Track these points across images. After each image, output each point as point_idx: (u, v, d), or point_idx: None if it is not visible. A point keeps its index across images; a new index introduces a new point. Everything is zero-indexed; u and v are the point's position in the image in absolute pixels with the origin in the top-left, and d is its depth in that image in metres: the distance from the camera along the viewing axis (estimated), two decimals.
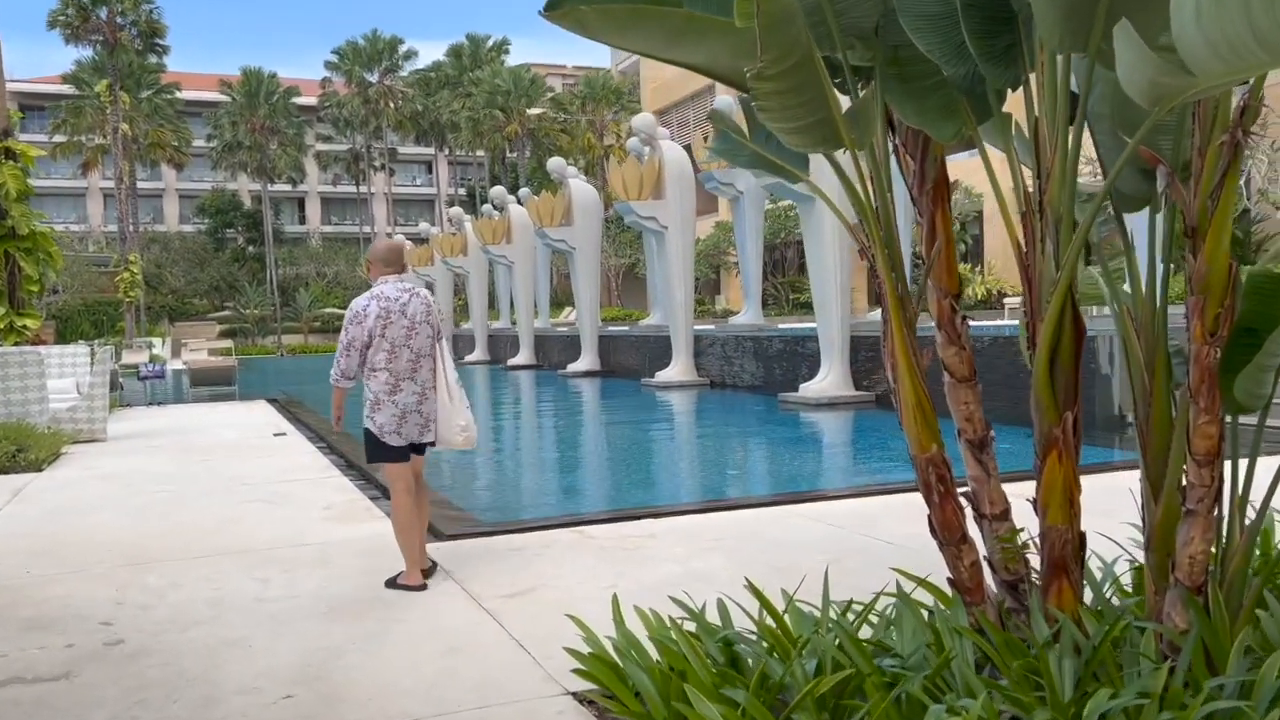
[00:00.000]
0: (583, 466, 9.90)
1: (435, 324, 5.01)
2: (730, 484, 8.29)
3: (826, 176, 11.74)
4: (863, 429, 11.98)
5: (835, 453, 10.34)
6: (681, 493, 7.88)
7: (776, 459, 9.83)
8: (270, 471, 8.80)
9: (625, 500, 7.57)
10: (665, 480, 8.61)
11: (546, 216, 22.67)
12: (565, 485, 8.63)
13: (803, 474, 8.73)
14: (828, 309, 13.69)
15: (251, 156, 55.63)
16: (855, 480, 8.21)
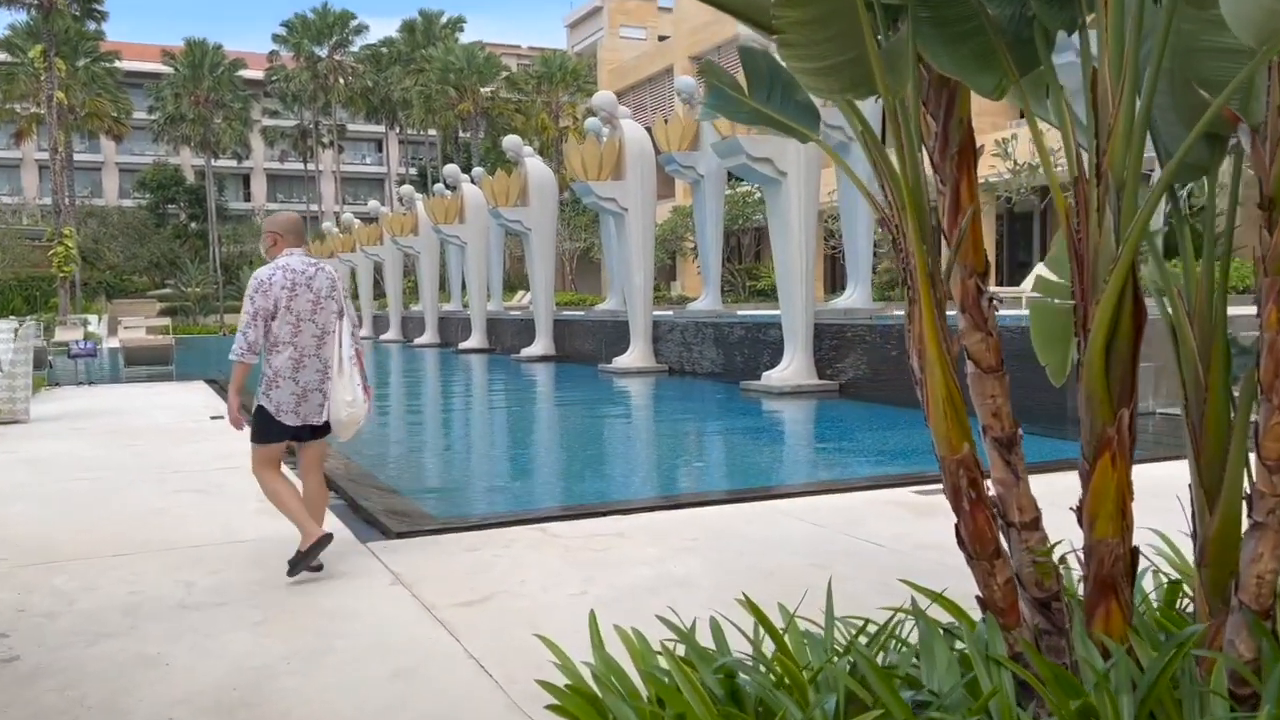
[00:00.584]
0: (542, 457, 9.43)
1: (340, 300, 4.79)
2: (698, 476, 7.87)
3: (791, 155, 11.24)
4: (828, 419, 11.63)
5: (803, 444, 9.97)
6: (648, 486, 7.44)
7: (744, 450, 9.43)
8: (204, 458, 8.20)
9: (589, 494, 7.11)
10: (630, 472, 8.17)
11: (502, 196, 22.05)
12: (524, 478, 8.15)
13: (773, 466, 8.34)
14: (791, 296, 13.32)
15: (195, 130, 54.04)
16: (827, 473, 7.84)
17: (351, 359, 4.75)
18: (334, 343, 4.70)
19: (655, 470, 8.22)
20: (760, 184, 13.40)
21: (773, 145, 12.97)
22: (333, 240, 40.57)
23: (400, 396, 16.61)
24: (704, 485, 7.48)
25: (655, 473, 8.07)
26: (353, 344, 4.81)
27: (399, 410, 14.12)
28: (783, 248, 13.35)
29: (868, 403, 12.38)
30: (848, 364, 13.24)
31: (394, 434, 11.06)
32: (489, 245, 27.68)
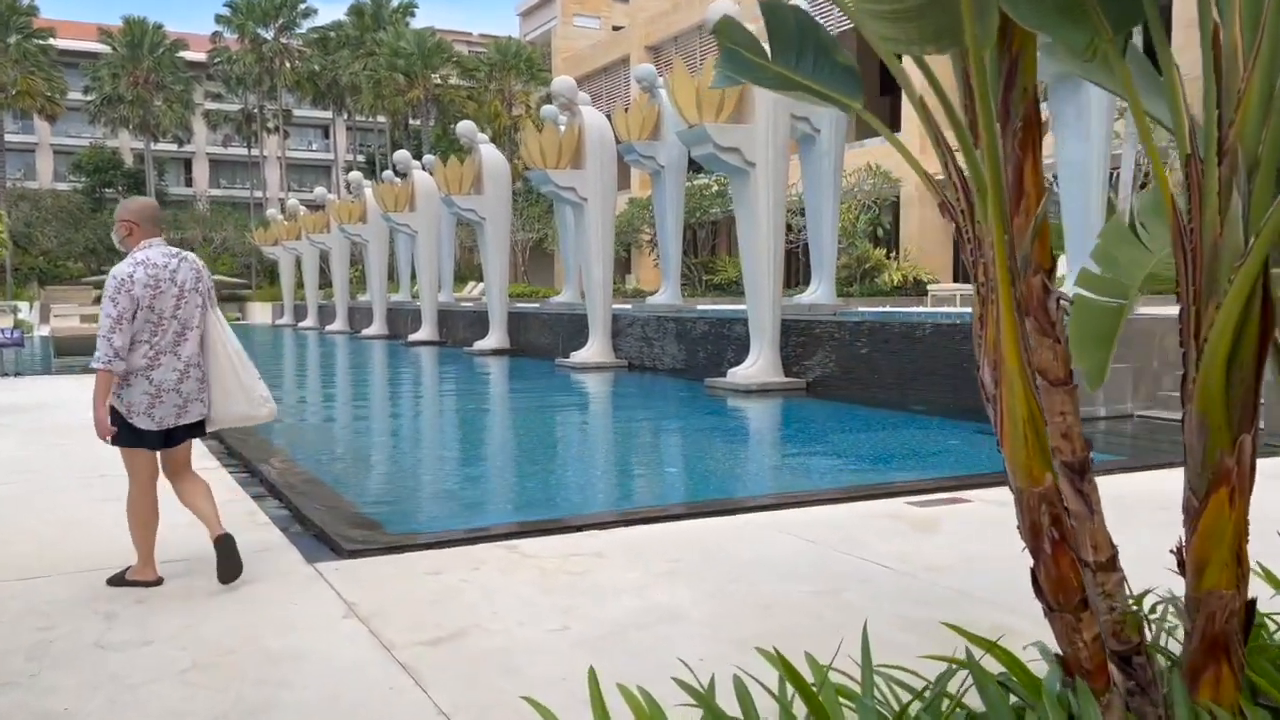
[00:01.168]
0: (502, 461, 8.88)
1: (205, 291, 4.43)
2: (672, 484, 7.38)
3: (761, 145, 10.73)
4: (799, 419, 11.23)
5: (777, 447, 9.52)
6: (619, 495, 6.94)
7: (716, 453, 8.96)
8: None
9: (556, 504, 6.60)
10: (598, 479, 7.66)
11: (455, 183, 21.37)
12: (485, 484, 7.61)
13: (749, 472, 7.89)
14: (759, 290, 12.90)
15: (134, 111, 52.32)
16: (809, 481, 7.40)
17: (239, 350, 4.50)
18: (197, 339, 4.38)
19: (625, 476, 7.72)
20: (728, 175, 12.95)
21: (741, 134, 12.53)
22: (278, 228, 39.41)
23: (348, 393, 15.93)
24: (679, 494, 6.99)
25: (625, 479, 7.58)
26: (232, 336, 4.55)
27: (347, 409, 13.46)
28: (750, 241, 12.92)
29: (836, 402, 12.00)
30: (815, 362, 12.85)
31: (341, 435, 10.44)
32: (440, 234, 26.95)
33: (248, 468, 7.42)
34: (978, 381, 2.59)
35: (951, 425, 9.98)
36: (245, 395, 4.51)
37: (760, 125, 12.57)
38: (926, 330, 11.16)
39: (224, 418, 4.57)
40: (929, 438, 9.42)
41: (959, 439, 9.25)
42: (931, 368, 11.07)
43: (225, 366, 4.45)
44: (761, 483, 7.21)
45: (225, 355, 4.46)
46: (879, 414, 10.91)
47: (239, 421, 4.63)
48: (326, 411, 12.91)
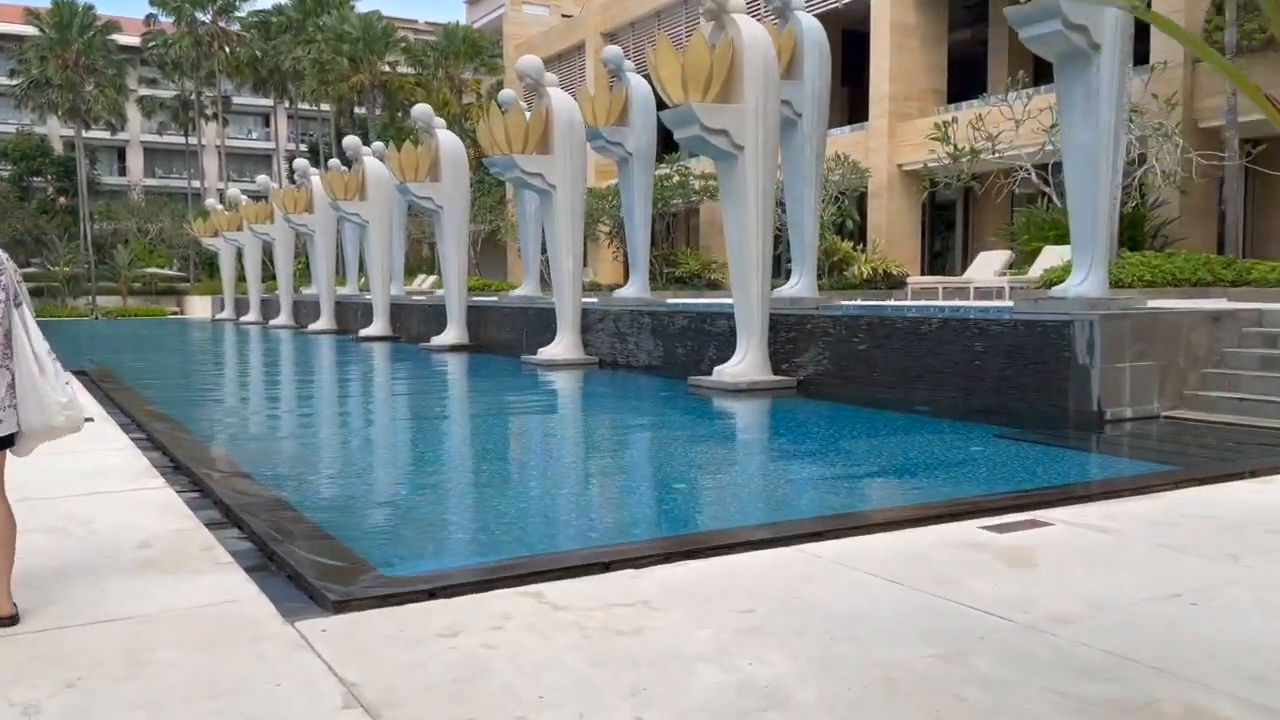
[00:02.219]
0: (489, 474, 7.93)
1: (10, 286, 3.85)
2: (689, 503, 6.49)
3: (750, 127, 9.88)
4: (799, 421, 10.45)
5: (786, 453, 8.68)
6: (635, 518, 6.04)
7: (722, 462, 8.11)
8: (65, 479, 6.48)
9: (563, 529, 5.69)
10: (603, 497, 6.75)
11: (410, 170, 20.26)
12: (476, 504, 6.67)
13: (772, 486, 7.02)
14: (747, 284, 12.09)
15: (63, 96, 49.98)
16: (846, 497, 6.57)
17: (49, 353, 3.97)
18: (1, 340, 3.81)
19: (631, 493, 6.82)
20: (715, 158, 12.11)
21: (730, 115, 11.69)
22: (218, 218, 37.78)
23: (302, 397, 14.82)
24: (703, 515, 6.12)
25: (633, 497, 6.68)
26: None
27: (303, 415, 12.36)
28: (738, 230, 12.09)
29: (832, 402, 11.25)
30: (807, 358, 12.08)
31: (302, 447, 9.37)
32: (392, 225, 25.78)
33: (198, 485, 6.41)
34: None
35: (966, 428, 9.26)
36: (39, 401, 3.87)
37: (750, 106, 11.74)
38: (933, 326, 10.44)
39: (29, 429, 3.93)
40: (948, 443, 8.68)
41: (980, 444, 8.53)
42: (939, 366, 10.36)
43: (30, 367, 3.87)
44: (795, 501, 6.36)
45: (29, 359, 3.85)
46: (883, 416, 10.17)
47: (41, 434, 3.99)
48: (280, 419, 11.83)
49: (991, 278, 17.03)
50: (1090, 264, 10.66)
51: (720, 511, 6.10)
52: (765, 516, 5.79)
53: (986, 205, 26.45)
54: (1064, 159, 11.38)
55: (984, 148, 19.14)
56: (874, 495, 6.56)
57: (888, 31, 24.92)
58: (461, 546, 5.38)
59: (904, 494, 6.57)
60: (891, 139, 25.22)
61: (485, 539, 5.47)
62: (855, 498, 6.45)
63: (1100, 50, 10.58)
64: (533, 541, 5.30)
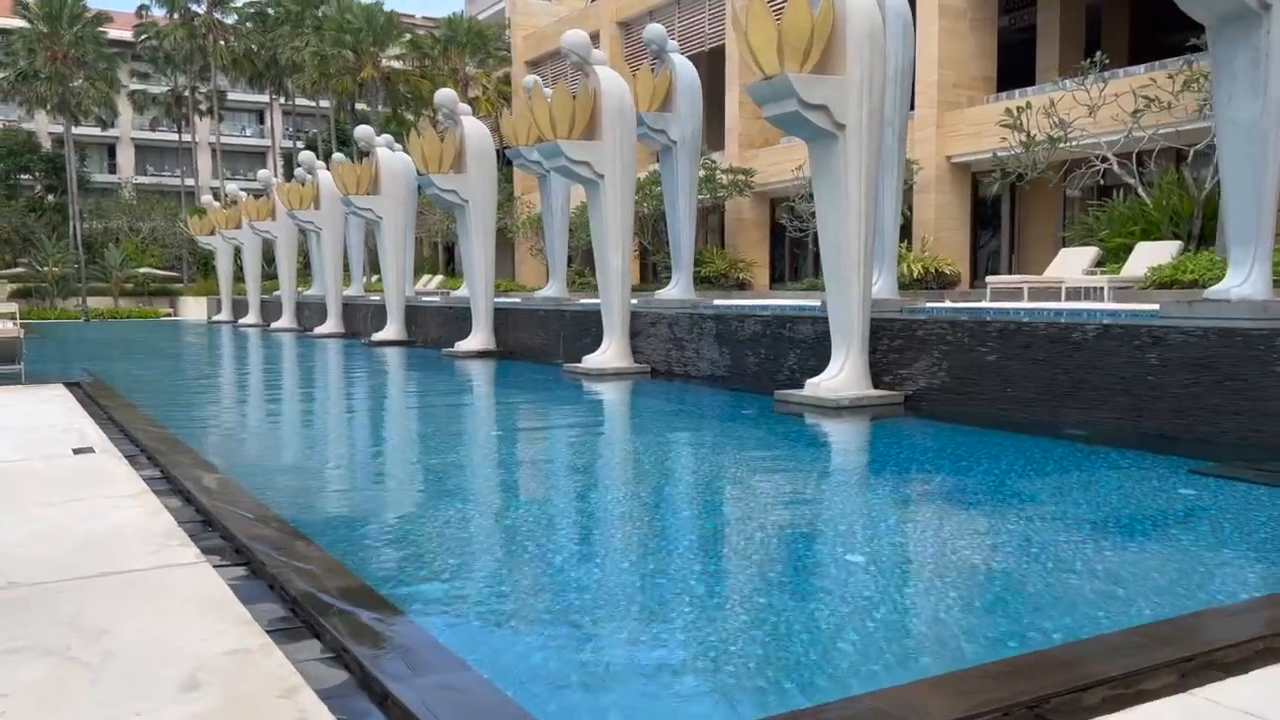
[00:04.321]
0: (571, 525, 6.24)
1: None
2: (926, 594, 4.81)
3: (854, 101, 8.12)
4: (929, 449, 8.82)
5: (957, 498, 6.93)
6: (857, 626, 4.37)
7: (898, 511, 6.40)
8: (66, 550, 4.84)
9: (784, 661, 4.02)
10: (802, 586, 5.10)
11: (433, 161, 18.63)
12: (564, 571, 5.02)
13: (1010, 560, 5.29)
14: (846, 282, 10.49)
15: (52, 89, 48.11)
16: (1099, 576, 4.92)
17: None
18: None
19: (822, 577, 5.11)
20: (808, 139, 10.52)
21: (831, 88, 10.09)
22: (215, 215, 36.01)
23: (330, 417, 13.18)
24: (957, 614, 4.45)
25: (829, 583, 4.98)
26: None
27: (337, 443, 10.67)
28: (835, 221, 10.49)
29: (955, 423, 9.65)
30: (917, 370, 10.48)
31: (354, 491, 7.66)
32: (407, 220, 24.12)
33: (242, 555, 4.78)
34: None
35: (1147, 461, 7.68)
36: None
37: (854, 78, 10.15)
38: (1088, 333, 8.84)
39: None
40: (1142, 483, 7.05)
41: (1187, 485, 6.93)
42: (1095, 381, 8.76)
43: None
44: (1059, 590, 4.68)
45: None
46: (1031, 442, 8.57)
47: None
48: (316, 448, 10.16)
49: (1081, 277, 15.46)
50: (1252, 261, 9.10)
51: (988, 611, 4.44)
52: (1064, 618, 4.15)
53: (1036, 200, 24.90)
54: (1220, 139, 9.76)
55: (1059, 135, 17.56)
56: (1151, 577, 4.91)
57: (936, 15, 23.34)
58: (568, 628, 3.74)
59: (1186, 571, 4.96)
60: (940, 129, 23.65)
61: (692, 684, 3.79)
62: (1134, 581, 4.80)
63: (1271, 9, 9.04)
64: (752, 685, 3.66)
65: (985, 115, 23.13)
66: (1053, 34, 25.32)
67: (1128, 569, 4.92)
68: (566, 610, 4.21)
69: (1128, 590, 4.52)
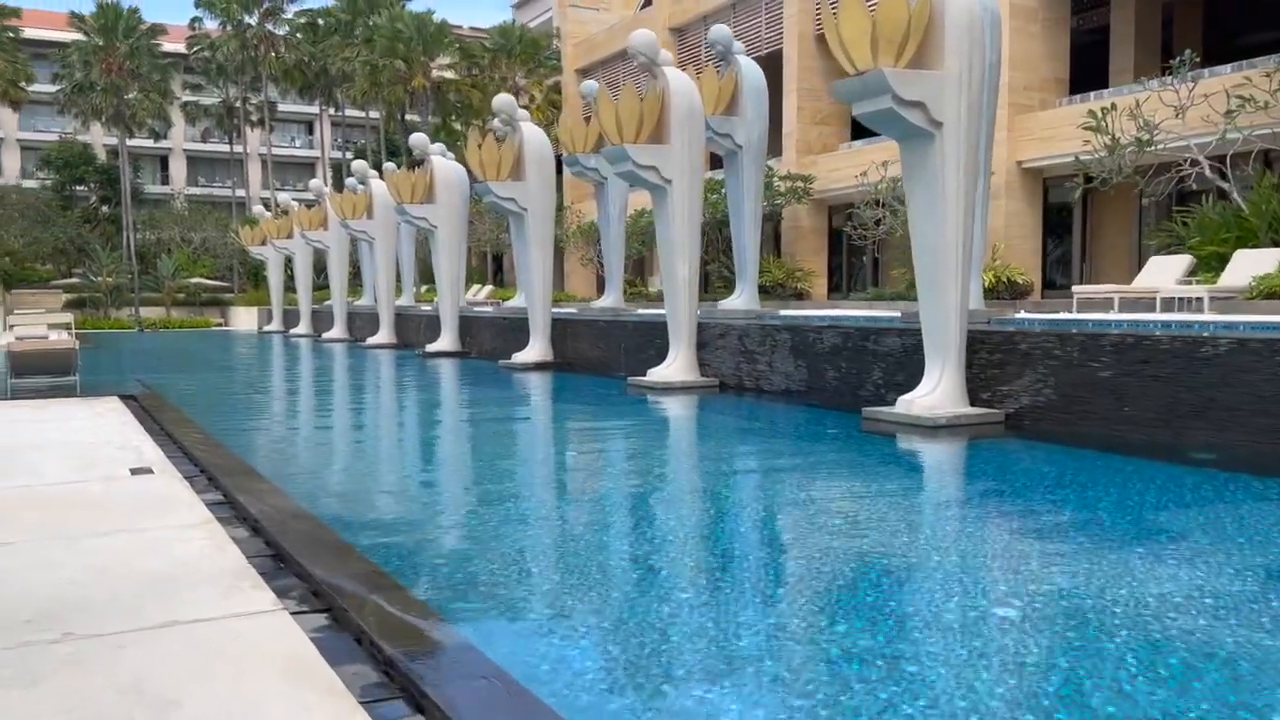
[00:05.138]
0: (700, 569, 5.68)
1: None
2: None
3: (951, 100, 7.35)
4: (1048, 475, 8.09)
5: (1116, 539, 6.22)
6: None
7: (1050, 565, 5.68)
8: (122, 586, 4.32)
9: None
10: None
11: (491, 169, 18.19)
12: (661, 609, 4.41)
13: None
14: (942, 291, 9.80)
15: (107, 100, 48.59)
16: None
17: None
18: None
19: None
20: (902, 138, 9.84)
21: (929, 84, 9.41)
22: (267, 225, 35.99)
23: (397, 435, 12.71)
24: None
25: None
26: None
27: (408, 463, 10.11)
28: (931, 226, 9.81)
29: (1064, 445, 8.91)
30: (1020, 386, 9.74)
31: (438, 521, 7.04)
32: (462, 229, 23.71)
33: (321, 598, 4.23)
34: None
35: (1267, 482, 6.92)
36: None
37: (952, 72, 9.47)
38: (1220, 347, 8.07)
39: None
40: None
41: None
42: (1230, 401, 7.99)
43: None
44: None
45: None
46: (1158, 469, 7.82)
47: None
48: (387, 468, 9.64)
49: (1176, 286, 14.59)
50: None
51: (1179, 683, 3.74)
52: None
53: (1109, 207, 23.95)
54: None
55: (1146, 138, 16.70)
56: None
57: (1007, 15, 22.46)
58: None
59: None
60: (1010, 133, 22.79)
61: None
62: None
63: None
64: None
65: (1058, 119, 22.28)
66: (1127, 34, 24.39)
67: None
68: (723, 673, 3.59)
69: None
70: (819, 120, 29.78)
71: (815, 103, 29.58)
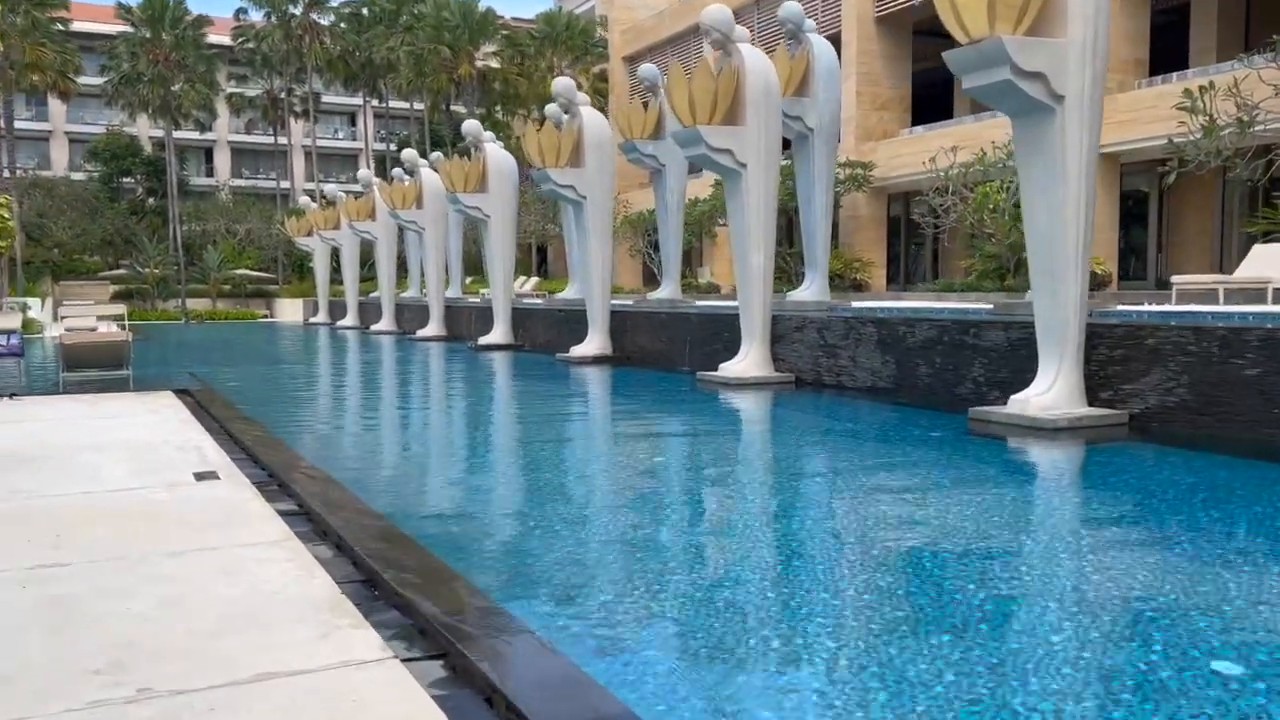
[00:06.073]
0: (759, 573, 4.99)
1: None
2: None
3: (1074, 69, 6.44)
4: (1204, 488, 7.28)
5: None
6: None
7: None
8: (202, 624, 3.69)
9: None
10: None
11: (550, 155, 17.54)
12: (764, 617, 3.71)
13: None
14: (1060, 281, 8.99)
15: (154, 91, 48.56)
16: None
17: None
18: None
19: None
20: (1015, 114, 9.03)
21: (1048, 52, 8.59)
22: (314, 216, 35.66)
23: (468, 435, 12.09)
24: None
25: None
26: None
27: (494, 471, 9.39)
28: (1048, 208, 8.99)
29: (1199, 450, 8.10)
30: (1147, 385, 8.91)
31: (549, 550, 6.35)
32: (515, 219, 23.11)
33: (428, 637, 3.57)
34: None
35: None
36: None
37: (1075, 40, 8.65)
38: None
39: None
40: None
41: None
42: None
43: None
44: None
45: None
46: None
47: None
48: (440, 464, 9.02)
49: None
50: None
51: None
52: None
53: (1188, 194, 22.82)
54: None
55: (1247, 119, 15.66)
56: None
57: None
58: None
59: None
60: None
61: None
62: None
63: None
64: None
65: (1138, 101, 21.20)
66: (1209, 12, 23.22)
67: None
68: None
69: None
70: (879, 105, 28.82)
71: (874, 88, 28.63)
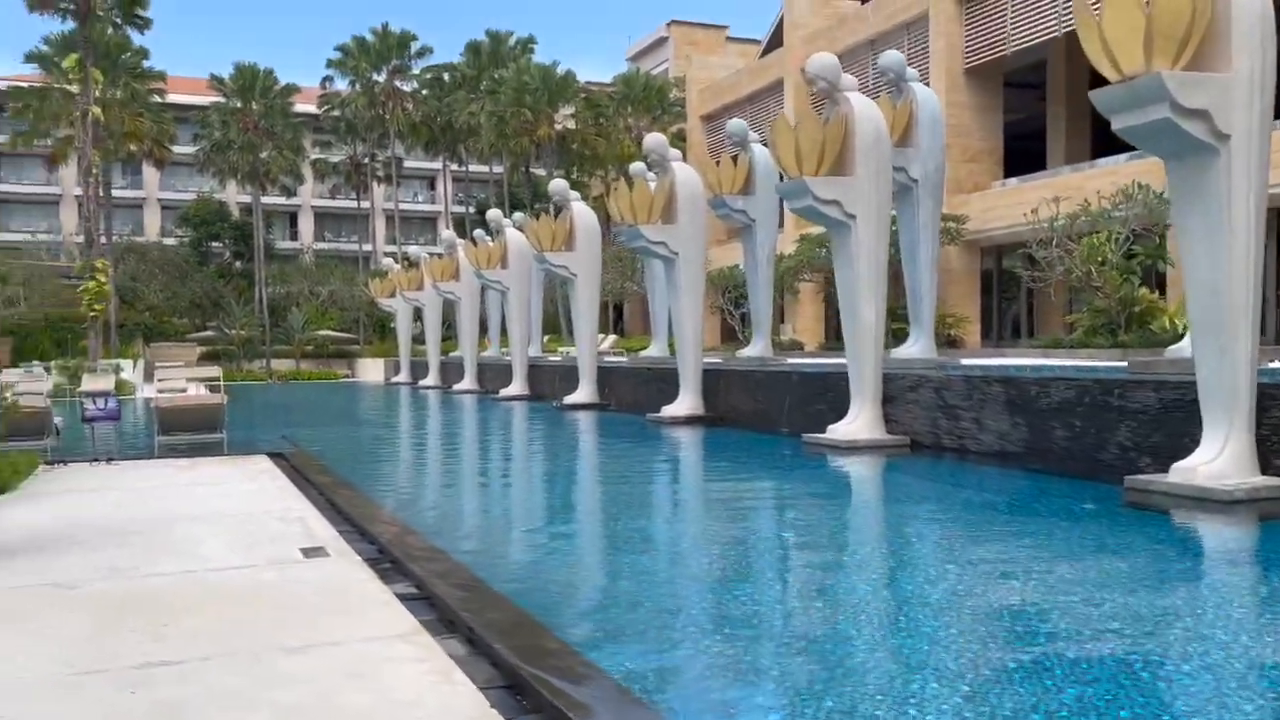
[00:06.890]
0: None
1: None
2: None
3: (1242, 108, 5.72)
4: None
5: None
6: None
7: None
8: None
9: None
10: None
11: (642, 211, 17.15)
12: None
13: None
14: (1231, 337, 8.14)
15: (243, 158, 49.88)
16: None
17: None
18: None
19: None
20: (1170, 156, 8.28)
21: (1213, 89, 7.87)
22: (397, 277, 35.90)
23: (583, 503, 11.48)
24: None
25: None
26: None
27: (627, 549, 7.83)
28: (1211, 258, 8.19)
29: None
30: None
31: (657, 609, 5.58)
32: (594, 280, 22.73)
33: (512, 681, 2.93)
34: None
35: None
36: None
37: (1243, 74, 7.92)
38: None
39: None
40: None
41: None
42: None
43: None
44: None
45: None
46: None
47: None
48: (563, 540, 8.41)
49: None
50: None
51: None
52: None
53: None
54: None
55: None
56: None
57: None
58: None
59: None
60: None
61: None
62: None
63: None
64: None
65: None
66: None
67: None
68: None
69: None
70: (969, 158, 28.09)
71: (964, 139, 27.92)
